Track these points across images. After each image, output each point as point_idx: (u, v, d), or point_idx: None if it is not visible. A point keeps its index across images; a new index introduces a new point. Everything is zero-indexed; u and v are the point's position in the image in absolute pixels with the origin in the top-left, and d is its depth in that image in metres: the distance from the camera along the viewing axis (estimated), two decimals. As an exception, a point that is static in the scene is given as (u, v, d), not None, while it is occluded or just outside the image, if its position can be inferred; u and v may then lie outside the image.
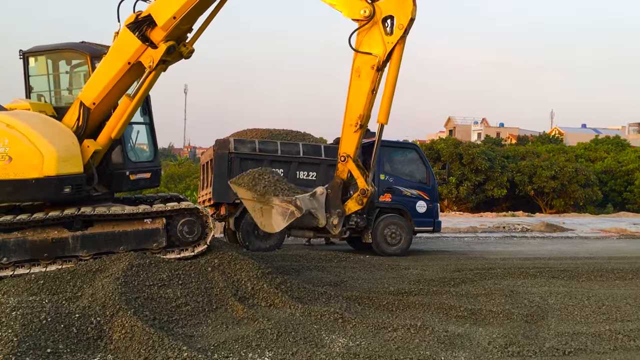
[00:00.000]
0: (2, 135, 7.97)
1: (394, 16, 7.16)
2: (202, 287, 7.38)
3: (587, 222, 24.59)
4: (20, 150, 7.96)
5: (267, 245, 12.41)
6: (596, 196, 33.42)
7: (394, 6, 7.13)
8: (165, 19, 7.92)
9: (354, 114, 7.46)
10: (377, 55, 7.25)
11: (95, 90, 8.43)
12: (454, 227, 20.73)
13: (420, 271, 10.65)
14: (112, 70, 8.32)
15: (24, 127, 8.08)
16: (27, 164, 7.96)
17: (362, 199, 7.79)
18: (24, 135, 8.01)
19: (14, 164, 7.95)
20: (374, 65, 7.26)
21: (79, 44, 9.24)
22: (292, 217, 7.85)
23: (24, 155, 7.96)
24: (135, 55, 8.17)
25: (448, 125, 78.09)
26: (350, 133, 7.59)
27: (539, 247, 16.25)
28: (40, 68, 9.16)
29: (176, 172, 37.91)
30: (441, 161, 30.95)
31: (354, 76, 7.43)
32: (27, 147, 7.97)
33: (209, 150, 13.58)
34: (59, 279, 7.32)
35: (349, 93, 7.48)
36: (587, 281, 10.09)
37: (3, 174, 7.94)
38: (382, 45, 7.22)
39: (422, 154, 14.24)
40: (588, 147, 42.94)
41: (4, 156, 7.94)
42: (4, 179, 7.94)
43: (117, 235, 8.22)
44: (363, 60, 7.33)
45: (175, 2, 7.84)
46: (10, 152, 7.94)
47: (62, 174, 8.10)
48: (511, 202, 33.69)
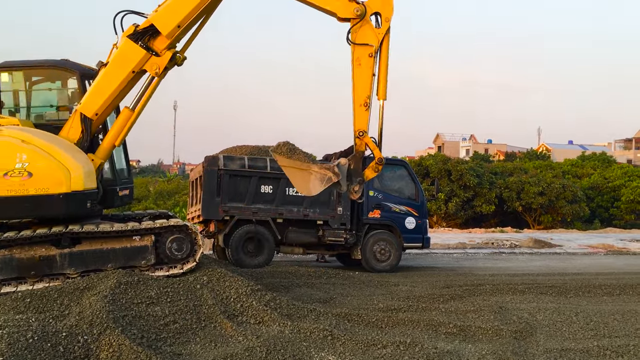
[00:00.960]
0: (19, 151, 7.90)
1: (379, 12, 8.78)
2: (190, 305, 7.33)
3: (575, 238, 24.75)
4: (43, 166, 7.92)
5: (256, 262, 12.36)
6: (583, 212, 33.68)
7: (379, 4, 8.74)
8: (170, 27, 8.48)
9: (363, 95, 8.85)
10: (373, 45, 8.73)
11: (98, 101, 8.56)
12: (443, 243, 20.78)
13: (410, 287, 10.65)
14: (116, 80, 8.56)
15: (43, 142, 8.07)
16: (51, 179, 7.93)
17: (377, 167, 9.25)
18: (44, 151, 8.00)
19: (35, 180, 7.89)
20: (370, 53, 8.75)
21: (64, 61, 9.23)
22: (329, 182, 9.06)
23: (47, 171, 7.93)
24: (140, 63, 8.55)
25: (437, 141, 78.55)
26: (362, 112, 8.99)
27: (527, 263, 16.32)
28: (16, 84, 9.06)
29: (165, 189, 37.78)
30: (430, 177, 31.11)
31: (355, 65, 8.82)
32: (50, 162, 7.96)
33: (198, 166, 13.57)
34: (46, 297, 7.24)
35: (355, 80, 8.81)
36: (576, 297, 10.14)
37: (21, 190, 7.86)
38: (375, 37, 8.75)
39: (410, 171, 14.30)
40: (575, 163, 43.37)
41: (22, 172, 7.86)
42: (23, 195, 7.86)
43: (105, 253, 8.17)
44: (361, 51, 8.73)
45: (180, 12, 8.44)
46: (30, 167, 7.88)
47: (87, 189, 8.24)
48: (499, 218, 33.87)
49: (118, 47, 8.63)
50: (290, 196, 12.65)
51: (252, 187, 12.46)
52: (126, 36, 8.54)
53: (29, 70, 9.09)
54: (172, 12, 8.50)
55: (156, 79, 8.78)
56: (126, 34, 8.56)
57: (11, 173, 7.85)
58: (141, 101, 8.80)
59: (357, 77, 8.87)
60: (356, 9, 8.74)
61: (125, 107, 8.84)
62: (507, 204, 32.89)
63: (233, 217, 12.42)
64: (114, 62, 8.56)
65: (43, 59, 9.20)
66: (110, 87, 8.59)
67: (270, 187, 12.58)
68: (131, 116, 8.79)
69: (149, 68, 8.65)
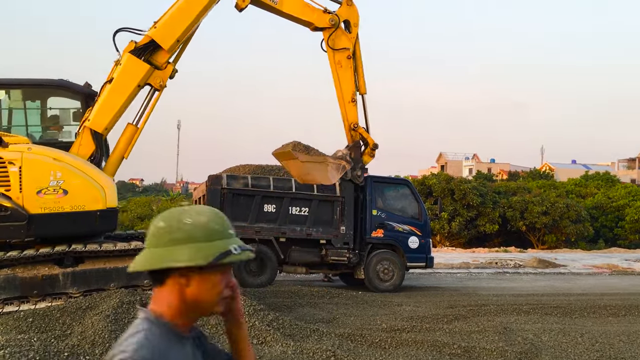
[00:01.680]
0: (53, 169, 8.06)
1: (348, 19, 10.27)
2: (193, 325, 7.28)
3: (579, 258, 24.61)
4: (78, 184, 8.11)
5: (259, 281, 12.32)
6: (587, 232, 33.51)
7: (347, 12, 10.26)
8: (170, 42, 8.95)
9: (349, 92, 10.39)
10: (349, 47, 10.27)
11: (107, 116, 8.77)
12: (447, 262, 20.68)
13: (413, 308, 10.58)
14: (123, 94, 8.83)
15: (74, 160, 8.29)
16: (87, 196, 8.15)
17: (373, 152, 10.81)
18: (77, 169, 8.19)
19: (70, 197, 8.07)
20: (348, 55, 10.33)
21: (64, 81, 9.31)
22: (344, 170, 10.59)
23: (82, 188, 8.13)
24: (144, 78, 8.91)
25: (439, 160, 78.56)
26: (351, 107, 10.56)
27: (531, 283, 16.22)
28: (14, 102, 9.14)
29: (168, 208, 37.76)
30: (433, 196, 31.03)
31: (337, 68, 10.36)
32: (84, 180, 8.17)
33: (202, 185, 13.59)
34: (48, 317, 7.22)
35: (340, 81, 10.34)
36: (581, 318, 10.06)
37: (56, 208, 8.00)
38: (349, 41, 10.29)
39: (414, 190, 14.30)
40: (578, 182, 43.26)
41: (57, 189, 8.00)
42: (58, 213, 8.01)
43: (108, 272, 8.16)
44: (340, 55, 10.29)
45: (179, 27, 8.92)
46: (65, 185, 8.04)
47: (116, 205, 8.63)
48: (503, 238, 33.70)
49: (122, 63, 8.85)
50: (293, 215, 12.64)
51: (255, 206, 12.46)
52: (129, 52, 8.82)
53: (28, 88, 9.14)
54: (171, 27, 8.90)
55: (158, 93, 9.13)
56: (127, 50, 8.84)
57: (45, 191, 8.00)
58: (145, 116, 9.10)
59: (341, 78, 10.31)
60: (331, 19, 10.06)
61: (129, 124, 9.06)
62: (510, 223, 32.76)
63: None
64: (120, 78, 8.80)
65: (43, 78, 9.27)
66: (119, 102, 8.83)
67: (273, 206, 12.57)
68: (136, 131, 9.06)
69: (153, 81, 9.01)
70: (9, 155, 8.05)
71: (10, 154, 8.05)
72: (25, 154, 8.06)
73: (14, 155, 8.04)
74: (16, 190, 7.99)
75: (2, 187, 8.01)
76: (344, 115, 10.70)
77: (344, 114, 10.71)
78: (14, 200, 7.96)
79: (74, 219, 8.14)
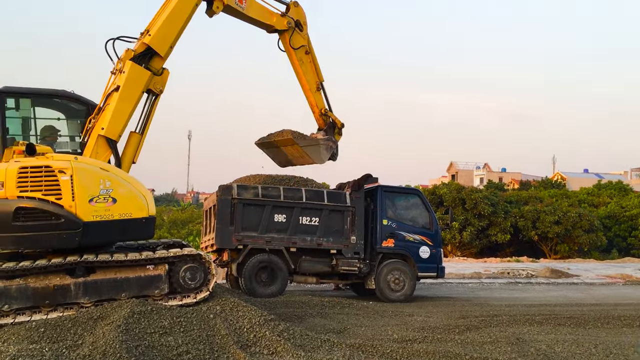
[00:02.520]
0: (102, 177, 8.31)
1: (299, 19, 11.57)
2: (203, 335, 7.29)
3: (592, 268, 24.37)
4: (125, 192, 8.41)
5: (269, 292, 12.30)
6: (600, 241, 33.23)
7: (297, 14, 11.57)
8: (166, 48, 9.52)
9: (314, 82, 12.08)
10: (305, 44, 11.76)
11: (120, 123, 9.07)
12: (458, 272, 20.56)
13: (425, 318, 10.52)
14: (131, 101, 9.19)
15: (117, 170, 8.66)
16: (133, 204, 8.47)
17: (341, 131, 12.60)
18: (122, 178, 8.54)
19: (119, 205, 8.34)
20: (306, 51, 11.86)
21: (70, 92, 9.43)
22: (331, 149, 12.27)
23: (128, 196, 8.44)
24: (147, 84, 9.37)
25: (450, 170, 78.36)
26: (318, 95, 12.26)
27: (544, 293, 16.07)
28: (23, 110, 9.22)
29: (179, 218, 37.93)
30: (444, 206, 30.95)
31: (300, 64, 11.83)
32: (129, 188, 8.49)
33: (212, 195, 13.62)
34: (59, 327, 7.25)
35: (304, 74, 11.89)
36: (594, 328, 9.95)
37: (106, 215, 8.25)
38: (303, 39, 11.72)
39: (424, 199, 14.25)
40: (591, 192, 42.96)
41: (106, 198, 8.25)
42: (108, 220, 8.26)
43: (119, 282, 8.19)
44: (300, 53, 11.73)
45: (171, 33, 9.55)
46: (114, 193, 8.32)
47: (155, 213, 8.95)
48: (515, 247, 33.50)
49: (125, 71, 9.16)
50: (303, 225, 12.63)
51: (265, 216, 12.46)
52: (130, 60, 9.17)
53: (37, 97, 9.22)
54: (165, 34, 9.46)
55: (157, 98, 9.59)
56: (127, 58, 9.20)
57: (97, 199, 8.22)
58: (148, 122, 9.51)
59: (305, 72, 11.82)
60: (288, 21, 11.37)
61: (132, 132, 9.40)
62: (522, 233, 32.56)
63: (246, 246, 12.40)
64: (126, 86, 9.12)
65: (50, 88, 9.36)
66: (128, 108, 9.17)
67: (283, 216, 12.57)
68: (141, 139, 9.46)
69: (154, 87, 9.49)
70: (57, 164, 8.15)
71: (59, 163, 8.17)
72: (73, 163, 8.23)
73: (64, 164, 8.16)
74: (68, 199, 8.10)
75: (52, 196, 8.09)
76: (313, 103, 12.33)
77: (312, 102, 12.32)
78: (66, 209, 8.09)
79: (123, 226, 8.42)
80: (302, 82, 12.14)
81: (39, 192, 8.05)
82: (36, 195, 8.03)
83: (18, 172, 8.02)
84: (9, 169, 8.06)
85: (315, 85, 12.11)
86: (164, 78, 9.62)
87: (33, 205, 7.98)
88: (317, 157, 12.25)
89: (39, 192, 8.04)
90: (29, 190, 8.02)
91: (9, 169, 8.06)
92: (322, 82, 12.25)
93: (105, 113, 9.08)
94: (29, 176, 8.03)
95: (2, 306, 7.68)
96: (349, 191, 13.09)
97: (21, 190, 8.01)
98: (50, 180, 8.08)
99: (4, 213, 7.92)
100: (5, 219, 7.91)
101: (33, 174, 8.04)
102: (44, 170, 8.08)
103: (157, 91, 9.55)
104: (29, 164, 8.09)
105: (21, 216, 7.94)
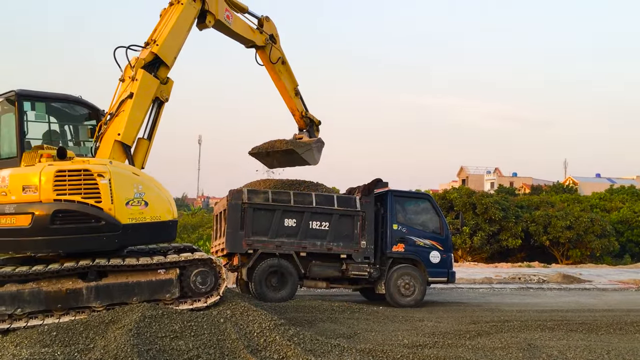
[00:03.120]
0: (135, 181, 8.59)
1: (272, 34, 12.30)
2: (214, 339, 7.32)
3: (605, 273, 24.18)
4: (154, 196, 8.70)
5: (279, 296, 12.31)
6: (613, 247, 32.95)
7: (270, 28, 12.26)
8: (172, 58, 9.88)
9: (292, 89, 12.93)
10: (281, 56, 12.56)
11: (135, 129, 9.32)
12: (469, 277, 20.47)
13: (435, 323, 10.48)
14: (144, 108, 9.45)
15: (145, 174, 8.95)
16: (162, 208, 8.77)
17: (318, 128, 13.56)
18: (151, 182, 8.80)
19: (150, 208, 8.62)
20: (283, 61, 12.65)
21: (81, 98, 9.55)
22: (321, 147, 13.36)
23: (157, 200, 8.74)
24: (156, 92, 9.65)
25: (460, 174, 78.07)
26: (297, 99, 13.11)
27: (556, 298, 15.97)
28: (39, 115, 9.32)
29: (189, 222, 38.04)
30: (454, 211, 30.83)
31: (279, 76, 12.63)
32: (157, 192, 8.77)
33: (223, 200, 13.67)
34: (71, 331, 7.30)
35: (283, 83, 12.71)
36: (607, 334, 9.87)
37: (140, 218, 8.51)
38: (279, 51, 12.49)
39: (435, 204, 14.21)
40: (603, 196, 42.60)
41: (140, 201, 8.51)
42: (141, 223, 8.53)
43: (130, 286, 8.24)
44: (278, 65, 12.50)
45: (177, 43, 9.93)
46: (146, 197, 8.59)
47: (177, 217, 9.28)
48: (526, 253, 33.28)
49: (138, 79, 9.37)
50: (313, 230, 12.64)
51: (275, 221, 12.48)
52: (141, 68, 9.40)
53: (52, 102, 9.31)
54: (171, 44, 9.79)
55: (163, 106, 9.90)
56: (138, 66, 9.41)
57: (132, 202, 8.47)
58: (155, 129, 9.81)
59: (284, 80, 12.67)
60: (266, 38, 12.12)
61: (140, 139, 9.59)
62: (533, 238, 32.35)
63: (257, 250, 12.43)
64: (139, 93, 9.34)
65: (64, 93, 9.46)
66: (141, 115, 9.43)
67: (293, 220, 12.59)
68: (149, 144, 9.73)
69: (161, 95, 9.79)
70: (96, 168, 8.31)
71: (98, 167, 8.34)
72: (110, 167, 8.43)
73: (103, 168, 8.34)
74: (107, 202, 8.28)
75: (92, 199, 8.23)
76: (294, 107, 13.14)
77: (292, 107, 13.14)
78: (105, 211, 8.28)
79: (153, 229, 8.68)
80: (282, 91, 12.98)
81: (78, 195, 8.19)
82: (75, 198, 8.17)
83: (55, 175, 8.12)
84: (45, 172, 8.13)
85: (293, 91, 12.99)
86: (169, 87, 9.95)
87: (73, 208, 8.13)
88: (312, 160, 13.17)
89: (77, 196, 8.19)
90: (67, 193, 8.14)
91: (45, 172, 8.13)
92: (297, 86, 13.08)
93: (119, 119, 9.22)
94: (67, 180, 8.15)
95: (15, 310, 7.75)
96: (359, 196, 13.09)
97: (58, 193, 8.13)
98: (89, 183, 8.23)
99: (41, 216, 8.04)
100: (43, 221, 8.03)
101: (71, 178, 8.17)
102: (83, 174, 8.23)
103: (163, 99, 9.86)
104: (66, 168, 8.20)
105: (59, 219, 8.05)
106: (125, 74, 9.65)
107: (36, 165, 8.27)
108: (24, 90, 8.95)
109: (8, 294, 7.75)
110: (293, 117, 13.47)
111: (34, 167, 8.27)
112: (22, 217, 8.09)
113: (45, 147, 8.52)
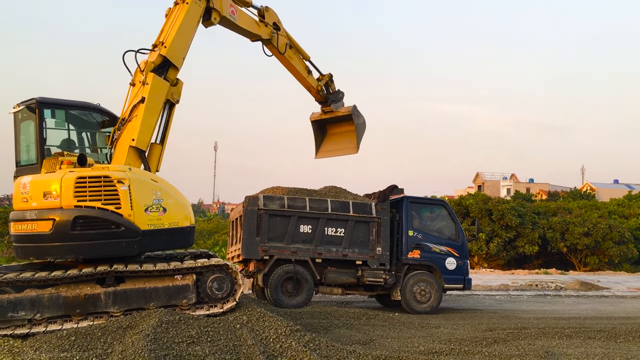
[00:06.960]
0: (154, 188, 8.71)
1: (275, 22, 12.15)
2: (230, 345, 7.35)
3: (623, 281, 23.89)
4: (172, 202, 8.83)
5: (295, 302, 12.33)
6: (631, 253, 32.52)
7: (271, 17, 12.08)
8: (181, 59, 9.86)
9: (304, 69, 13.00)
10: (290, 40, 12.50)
11: (148, 133, 9.35)
12: (485, 284, 20.33)
13: (451, 330, 10.43)
14: (156, 112, 9.45)
15: (163, 180, 9.03)
16: (180, 214, 8.90)
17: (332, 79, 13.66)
18: (169, 188, 8.93)
19: (169, 215, 8.75)
20: (290, 46, 12.58)
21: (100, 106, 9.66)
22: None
23: (175, 206, 8.86)
24: (167, 95, 9.63)
25: (476, 180, 77.59)
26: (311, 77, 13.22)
27: (573, 306, 15.80)
28: (59, 122, 9.46)
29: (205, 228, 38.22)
30: (470, 217, 30.65)
31: (288, 62, 12.64)
32: (175, 198, 8.90)
33: (239, 206, 13.74)
34: (90, 336, 7.38)
35: (294, 67, 12.78)
36: (626, 342, 9.75)
37: (158, 224, 8.65)
38: (285, 37, 12.41)
39: (450, 210, 14.16)
40: (621, 203, 42.04)
41: (158, 207, 8.64)
42: (160, 229, 8.67)
43: (147, 292, 8.31)
44: (287, 52, 12.46)
45: (184, 45, 9.89)
46: (164, 203, 8.73)
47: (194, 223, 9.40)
48: (543, 259, 32.96)
49: (148, 83, 9.35)
50: (329, 236, 12.65)
51: (291, 227, 12.52)
52: (151, 71, 9.40)
53: (71, 109, 9.42)
54: (179, 45, 9.76)
55: (174, 108, 9.88)
56: (148, 70, 9.40)
57: (151, 208, 8.59)
58: (167, 132, 9.80)
59: (295, 64, 12.75)
60: (272, 31, 12.07)
61: (152, 143, 9.54)
62: (551, 244, 32.02)
63: (272, 256, 12.47)
64: (151, 97, 9.34)
65: (83, 101, 9.59)
66: (154, 119, 9.44)
67: (309, 226, 12.62)
68: (162, 148, 9.71)
69: (172, 97, 9.77)
70: (116, 175, 8.44)
71: (118, 173, 8.47)
72: (129, 173, 8.56)
73: (122, 175, 8.47)
74: (127, 208, 8.40)
75: (112, 205, 8.36)
76: (308, 85, 13.26)
77: (307, 85, 13.27)
78: (125, 218, 8.39)
79: (171, 234, 8.81)
80: (295, 74, 13.00)
81: (98, 201, 8.31)
82: (95, 204, 8.29)
83: (75, 181, 8.24)
84: (65, 179, 8.25)
85: (305, 70, 13.05)
86: (179, 88, 9.94)
87: (93, 214, 8.24)
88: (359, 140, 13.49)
89: (98, 202, 8.31)
90: (87, 199, 8.27)
91: (65, 178, 8.25)
92: (309, 59, 13.10)
93: (133, 124, 9.25)
94: (87, 186, 8.28)
95: (35, 315, 7.85)
96: (374, 202, 13.08)
97: (79, 199, 8.25)
98: (109, 190, 8.36)
99: (62, 222, 8.16)
100: (64, 227, 8.15)
101: (92, 184, 8.30)
102: (103, 180, 8.36)
103: (174, 101, 9.88)
104: (86, 174, 8.33)
105: (79, 225, 8.18)
106: (135, 78, 9.62)
107: (57, 172, 8.38)
108: (44, 98, 9.08)
109: (27, 299, 7.86)
110: (310, 94, 13.65)
111: (54, 173, 8.38)
112: (43, 223, 8.21)
113: (65, 154, 8.63)
